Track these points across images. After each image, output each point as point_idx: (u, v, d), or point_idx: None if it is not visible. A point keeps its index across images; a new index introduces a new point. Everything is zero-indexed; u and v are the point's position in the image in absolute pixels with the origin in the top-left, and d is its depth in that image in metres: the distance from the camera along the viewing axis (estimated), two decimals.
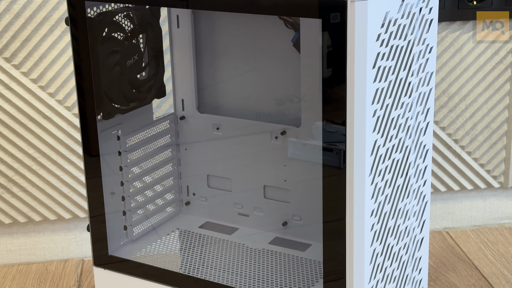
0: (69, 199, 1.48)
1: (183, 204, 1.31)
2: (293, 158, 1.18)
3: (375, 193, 0.95)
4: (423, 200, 1.10)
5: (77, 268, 1.48)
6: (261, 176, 1.22)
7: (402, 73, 0.97)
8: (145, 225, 1.24)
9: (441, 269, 1.43)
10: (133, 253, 1.18)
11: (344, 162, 0.91)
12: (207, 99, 1.26)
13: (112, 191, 1.16)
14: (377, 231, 0.97)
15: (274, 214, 1.22)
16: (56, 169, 1.46)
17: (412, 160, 1.04)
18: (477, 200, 1.58)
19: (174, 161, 1.29)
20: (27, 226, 1.50)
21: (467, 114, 1.51)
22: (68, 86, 1.42)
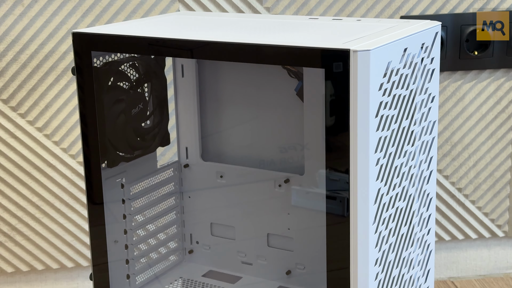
0: (72, 248, 1.47)
1: (186, 252, 1.30)
2: (297, 206, 1.17)
3: (379, 242, 0.95)
4: (428, 249, 1.09)
5: None
6: (265, 224, 1.22)
7: (404, 122, 0.98)
8: (148, 274, 1.23)
9: None
10: None
11: (347, 210, 0.91)
12: (211, 147, 1.26)
13: (116, 239, 1.16)
14: (381, 280, 0.97)
15: (277, 262, 1.22)
16: (60, 217, 1.46)
17: (416, 209, 1.04)
18: (481, 249, 1.57)
19: (178, 209, 1.28)
20: (30, 275, 1.50)
21: (470, 162, 1.51)
22: (73, 135, 1.43)
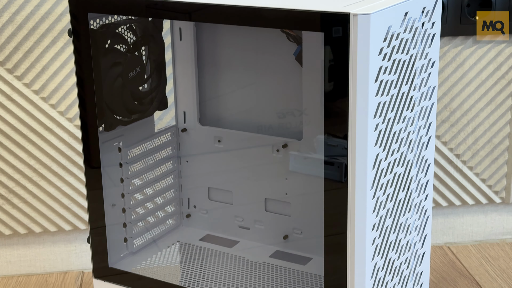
0: (69, 211, 1.48)
1: (183, 216, 1.31)
2: (295, 171, 1.17)
3: (377, 207, 0.95)
4: (425, 215, 1.09)
5: (77, 280, 1.47)
6: (262, 189, 1.22)
7: (404, 87, 0.97)
8: (145, 238, 1.24)
9: (442, 284, 1.42)
10: (133, 265, 1.18)
11: (345, 176, 0.91)
12: (209, 111, 1.26)
13: (113, 203, 1.16)
14: (378, 245, 0.97)
15: (275, 227, 1.22)
16: (57, 180, 1.45)
17: (414, 174, 1.04)
18: (478, 215, 1.58)
19: (175, 174, 1.28)
20: (27, 237, 1.50)
21: (468, 129, 1.51)
22: (70, 98, 1.42)
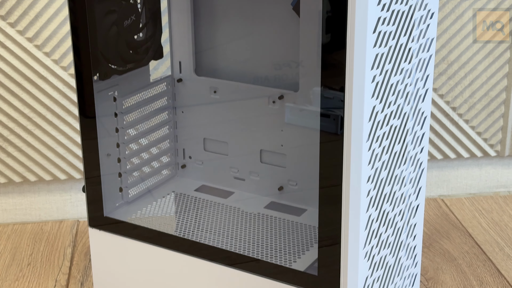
0: (64, 160, 1.48)
1: (179, 167, 1.31)
2: (290, 123, 1.17)
3: (372, 159, 0.95)
4: (420, 167, 1.09)
5: (72, 229, 1.48)
6: (258, 140, 1.21)
7: (402, 39, 0.96)
8: (140, 187, 1.24)
9: (435, 236, 1.43)
10: (129, 215, 1.18)
11: (341, 128, 0.91)
12: (205, 62, 1.25)
13: (108, 153, 1.16)
14: (373, 197, 0.97)
15: (270, 178, 1.22)
16: (52, 129, 1.45)
17: (410, 127, 1.04)
18: (473, 168, 1.58)
19: (171, 124, 1.28)
20: (22, 186, 1.50)
21: (466, 81, 1.50)
22: (64, 46, 1.40)
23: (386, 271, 1.05)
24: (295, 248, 1.09)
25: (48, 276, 1.31)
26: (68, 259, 1.37)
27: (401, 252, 1.09)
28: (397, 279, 1.09)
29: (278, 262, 1.05)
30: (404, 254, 1.10)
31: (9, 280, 1.30)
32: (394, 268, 1.07)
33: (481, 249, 1.38)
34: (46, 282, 1.30)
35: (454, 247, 1.39)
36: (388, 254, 1.05)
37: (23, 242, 1.44)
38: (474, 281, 1.28)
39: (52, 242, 1.43)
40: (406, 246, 1.10)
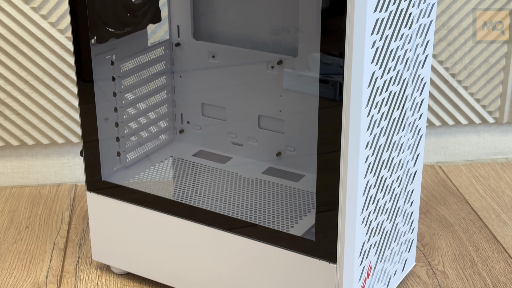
0: (62, 124, 1.47)
1: (177, 132, 1.30)
2: (289, 89, 1.16)
3: (371, 125, 0.95)
4: (418, 134, 1.09)
5: (70, 193, 1.48)
6: (256, 106, 1.21)
7: (403, 4, 0.95)
8: (138, 152, 1.24)
9: (432, 202, 1.44)
10: (126, 179, 1.18)
11: (340, 94, 0.90)
12: (203, 26, 1.23)
13: (106, 117, 1.15)
14: (371, 163, 0.97)
15: (268, 144, 1.22)
16: (49, 93, 1.44)
17: (409, 93, 1.03)
18: (471, 135, 1.58)
19: (169, 89, 1.27)
20: (20, 149, 1.50)
21: (466, 48, 1.49)
22: (61, 8, 1.39)
23: (383, 237, 1.05)
24: (292, 213, 1.09)
25: (46, 239, 1.32)
26: (66, 222, 1.38)
27: (398, 218, 1.09)
28: (393, 245, 1.10)
29: (275, 227, 1.05)
30: (401, 220, 1.10)
31: (7, 243, 1.31)
32: (391, 234, 1.08)
33: (477, 216, 1.39)
34: (44, 245, 1.30)
35: (451, 213, 1.40)
36: (385, 220, 1.05)
37: (21, 205, 1.44)
38: (470, 247, 1.29)
39: (50, 206, 1.44)
40: (403, 212, 1.11)
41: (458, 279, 1.20)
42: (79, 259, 1.26)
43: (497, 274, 1.22)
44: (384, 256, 1.07)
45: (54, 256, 1.27)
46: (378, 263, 1.06)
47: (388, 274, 1.10)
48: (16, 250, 1.29)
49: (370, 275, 1.04)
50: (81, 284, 1.19)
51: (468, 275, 1.21)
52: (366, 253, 1.01)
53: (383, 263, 1.07)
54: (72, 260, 1.26)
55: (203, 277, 1.10)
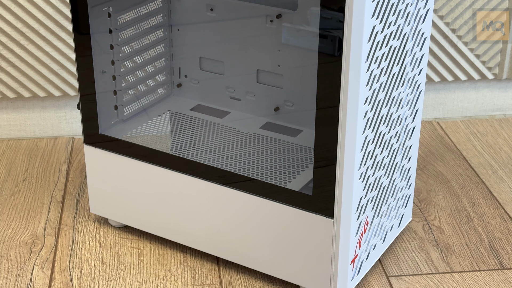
0: (58, 77, 1.46)
1: (174, 86, 1.30)
2: (287, 44, 1.15)
3: (370, 81, 0.94)
4: (417, 89, 1.09)
5: (68, 146, 1.48)
6: (255, 60, 1.20)
7: None
8: (136, 106, 1.23)
9: (429, 158, 1.44)
10: (124, 132, 1.18)
11: (339, 49, 0.90)
12: None
13: (103, 70, 1.14)
14: (369, 119, 0.97)
15: (266, 99, 1.21)
16: (45, 45, 1.43)
17: (409, 48, 1.03)
18: (470, 91, 1.58)
19: (166, 42, 1.26)
20: (17, 102, 1.49)
21: (466, 2, 1.47)
22: None
23: (380, 192, 1.06)
24: (290, 168, 1.10)
25: (44, 192, 1.32)
26: (64, 175, 1.38)
27: (396, 174, 1.10)
28: (390, 200, 1.10)
29: (273, 182, 1.05)
30: (398, 175, 1.11)
31: (5, 195, 1.31)
32: (388, 189, 1.08)
33: (474, 172, 1.39)
34: (42, 197, 1.31)
35: (448, 169, 1.40)
36: (382, 175, 1.05)
37: (18, 158, 1.44)
38: (466, 202, 1.30)
39: (47, 159, 1.44)
40: (401, 167, 1.11)
41: (453, 234, 1.21)
42: (77, 212, 1.27)
43: (492, 229, 1.23)
44: (381, 211, 1.08)
45: (52, 209, 1.27)
46: (375, 218, 1.06)
47: (384, 229, 1.11)
48: (14, 202, 1.29)
49: (367, 230, 1.05)
50: (79, 237, 1.20)
51: (464, 230, 1.22)
52: (363, 208, 1.02)
53: (379, 218, 1.08)
54: (70, 213, 1.26)
55: (200, 231, 1.11)
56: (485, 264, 1.14)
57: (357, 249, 1.03)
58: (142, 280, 1.11)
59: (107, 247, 1.18)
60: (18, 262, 1.14)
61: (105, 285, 1.10)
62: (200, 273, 1.12)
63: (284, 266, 1.05)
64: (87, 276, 1.11)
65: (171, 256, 1.15)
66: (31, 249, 1.17)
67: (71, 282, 1.10)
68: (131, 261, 1.15)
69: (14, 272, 1.12)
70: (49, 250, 1.17)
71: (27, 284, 1.10)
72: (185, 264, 1.14)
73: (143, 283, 1.10)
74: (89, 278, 1.11)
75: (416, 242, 1.19)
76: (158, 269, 1.13)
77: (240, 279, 1.11)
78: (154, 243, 1.18)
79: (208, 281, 1.10)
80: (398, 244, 1.18)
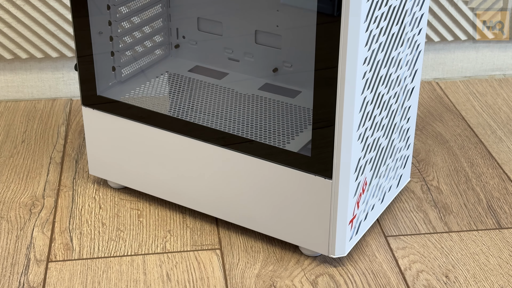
0: (55, 38, 1.45)
1: (172, 47, 1.29)
2: (286, 3, 1.14)
3: (369, 41, 0.94)
4: (417, 49, 1.08)
5: (66, 107, 1.48)
6: (253, 20, 1.19)
7: None
8: (133, 67, 1.23)
9: (428, 119, 1.44)
10: (122, 94, 1.17)
11: (338, 9, 0.89)
12: None
13: (100, 31, 1.13)
14: (368, 79, 0.96)
15: (264, 60, 1.21)
16: (42, 5, 1.42)
17: (409, 8, 1.02)
18: (469, 51, 1.57)
19: (163, 2, 1.25)
20: (14, 63, 1.48)
21: None
22: None
23: (378, 153, 1.06)
24: (289, 129, 1.09)
25: (43, 153, 1.32)
26: (62, 137, 1.38)
27: (394, 134, 1.09)
28: (389, 161, 1.10)
29: (271, 143, 1.05)
30: (397, 136, 1.11)
31: (4, 157, 1.31)
32: (386, 150, 1.08)
33: (473, 132, 1.39)
34: (41, 159, 1.31)
35: (447, 129, 1.40)
36: (381, 136, 1.05)
37: (16, 119, 1.44)
38: (464, 162, 1.30)
39: (45, 120, 1.43)
40: (400, 128, 1.11)
41: (452, 194, 1.22)
42: (76, 174, 1.27)
43: (490, 189, 1.23)
44: (380, 172, 1.08)
45: (51, 170, 1.28)
46: (373, 179, 1.07)
47: (383, 189, 1.11)
48: (13, 164, 1.29)
49: (365, 190, 1.05)
50: (78, 198, 1.21)
51: (462, 190, 1.23)
52: (362, 169, 1.02)
53: (378, 178, 1.08)
54: (69, 174, 1.26)
55: (199, 192, 1.11)
56: (483, 223, 1.15)
57: (355, 209, 1.03)
58: (141, 240, 1.11)
59: (106, 208, 1.18)
60: (18, 223, 1.15)
61: (105, 245, 1.10)
62: (199, 234, 1.13)
63: (283, 226, 1.06)
64: (87, 237, 1.12)
65: (170, 217, 1.16)
66: (31, 210, 1.18)
67: (71, 243, 1.11)
68: (131, 222, 1.15)
69: (14, 233, 1.13)
70: (48, 211, 1.18)
71: (27, 245, 1.10)
72: (184, 225, 1.14)
73: (143, 243, 1.11)
74: (89, 239, 1.12)
75: (414, 203, 1.20)
76: (157, 230, 1.14)
77: (239, 239, 1.11)
78: (154, 204, 1.19)
79: (207, 242, 1.11)
80: (396, 204, 1.19)
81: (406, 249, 1.09)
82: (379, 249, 1.10)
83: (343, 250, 1.04)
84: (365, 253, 1.09)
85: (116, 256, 1.08)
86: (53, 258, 1.08)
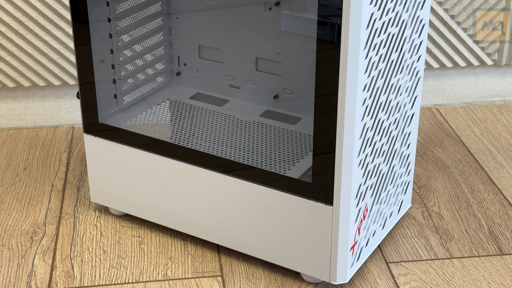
0: (58, 66, 1.46)
1: (173, 74, 1.30)
2: (286, 31, 1.15)
3: (369, 68, 0.94)
4: (416, 76, 1.09)
5: (68, 135, 1.48)
6: (254, 48, 1.20)
7: None
8: (135, 94, 1.23)
9: (428, 144, 1.44)
10: (123, 121, 1.18)
11: (338, 36, 0.90)
12: None
13: (102, 59, 1.14)
14: (368, 106, 0.97)
15: (265, 87, 1.21)
16: (44, 34, 1.43)
17: (408, 35, 1.03)
18: (469, 77, 1.58)
19: (165, 30, 1.26)
20: (16, 91, 1.49)
21: None
22: None
23: (379, 179, 1.06)
24: (289, 156, 1.10)
25: (45, 181, 1.33)
26: (64, 164, 1.38)
27: (395, 160, 1.10)
28: (390, 187, 1.10)
29: (272, 170, 1.06)
30: (397, 162, 1.11)
31: (6, 185, 1.32)
32: (387, 176, 1.09)
33: (473, 158, 1.40)
34: (43, 186, 1.31)
35: (447, 155, 1.41)
36: (381, 162, 1.06)
37: (18, 147, 1.44)
38: (465, 188, 1.30)
39: (47, 148, 1.44)
40: (400, 154, 1.11)
41: (453, 220, 1.22)
42: (77, 201, 1.27)
43: (492, 215, 1.23)
44: (380, 198, 1.08)
45: (53, 198, 1.28)
46: (374, 205, 1.07)
47: (384, 215, 1.11)
48: (15, 191, 1.30)
49: (366, 216, 1.05)
50: (80, 225, 1.21)
51: (463, 216, 1.23)
52: (362, 195, 1.02)
53: (379, 205, 1.08)
54: (70, 202, 1.27)
55: (200, 219, 1.11)
56: (484, 250, 1.15)
57: (356, 235, 1.03)
58: (143, 268, 1.11)
59: (108, 235, 1.18)
60: (19, 251, 1.15)
61: (106, 273, 1.10)
62: (200, 261, 1.12)
63: (284, 253, 1.06)
64: (88, 265, 1.12)
65: (172, 244, 1.16)
66: (32, 238, 1.18)
67: (72, 270, 1.11)
68: (132, 249, 1.15)
69: (15, 261, 1.13)
70: (50, 238, 1.18)
71: (28, 272, 1.10)
72: (185, 252, 1.14)
73: (144, 271, 1.10)
74: (90, 267, 1.11)
75: (416, 229, 1.20)
76: (159, 257, 1.13)
77: (240, 266, 1.11)
78: (155, 231, 1.19)
79: (208, 269, 1.11)
80: (397, 230, 1.19)
81: (407, 276, 1.09)
82: (380, 275, 1.09)
83: (344, 276, 1.03)
84: (367, 280, 1.08)
85: (117, 283, 1.08)
86: (54, 286, 1.08)
